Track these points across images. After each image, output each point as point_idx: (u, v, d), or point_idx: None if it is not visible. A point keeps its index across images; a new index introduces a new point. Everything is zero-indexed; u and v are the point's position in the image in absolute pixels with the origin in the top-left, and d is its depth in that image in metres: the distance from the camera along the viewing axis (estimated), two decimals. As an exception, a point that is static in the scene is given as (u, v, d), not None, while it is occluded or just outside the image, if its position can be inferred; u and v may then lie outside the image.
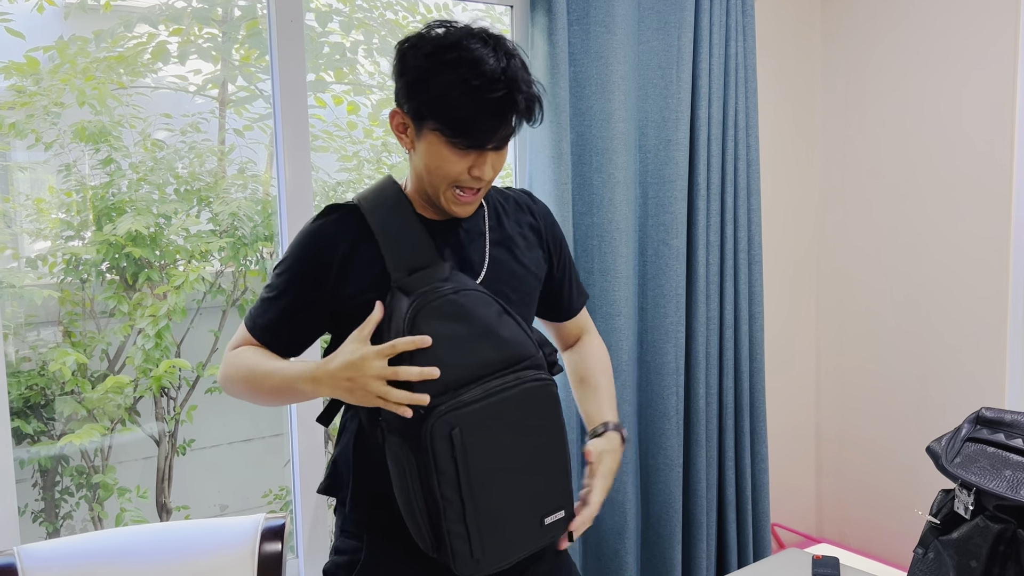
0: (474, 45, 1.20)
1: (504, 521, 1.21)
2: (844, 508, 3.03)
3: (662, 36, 2.36)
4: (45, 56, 2.30)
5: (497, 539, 1.20)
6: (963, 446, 1.54)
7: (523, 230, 1.42)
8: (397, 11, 2.86)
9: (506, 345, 1.21)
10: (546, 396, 1.24)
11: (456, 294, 1.20)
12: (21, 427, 2.26)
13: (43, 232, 2.38)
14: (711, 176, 2.45)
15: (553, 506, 1.26)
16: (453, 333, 1.18)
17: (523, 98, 1.22)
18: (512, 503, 1.21)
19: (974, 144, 2.54)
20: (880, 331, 2.84)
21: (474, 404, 1.17)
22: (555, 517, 1.26)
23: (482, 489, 1.18)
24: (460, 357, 1.18)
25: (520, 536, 1.23)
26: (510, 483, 1.21)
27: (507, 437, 1.20)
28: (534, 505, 1.24)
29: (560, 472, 1.27)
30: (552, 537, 1.28)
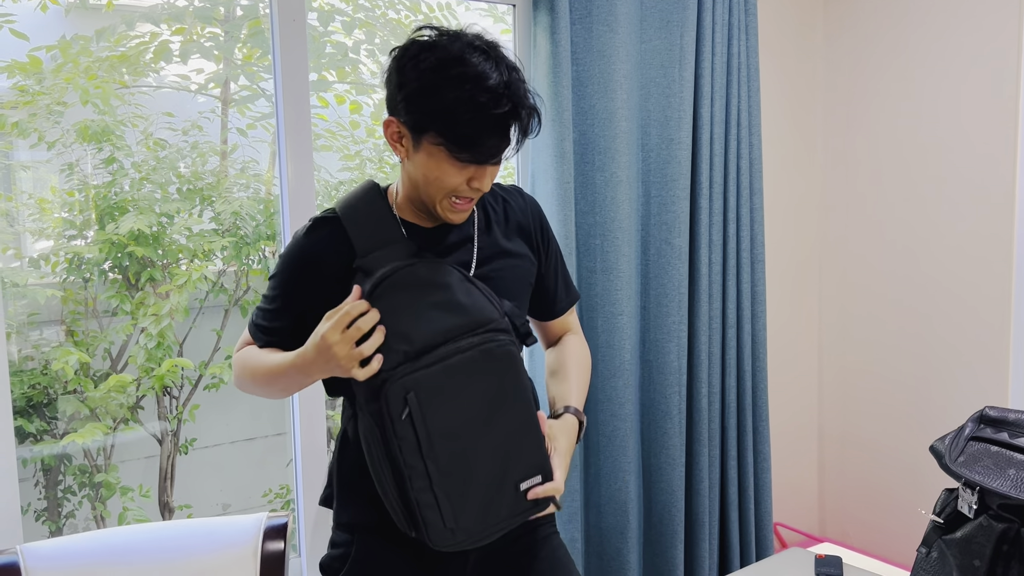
0: (476, 59, 1.20)
1: (473, 486, 1.20)
2: (847, 507, 3.03)
3: (664, 35, 2.36)
4: (48, 55, 2.30)
5: (469, 506, 1.20)
6: (967, 445, 1.54)
7: (512, 230, 1.43)
8: (399, 10, 2.86)
9: (465, 310, 1.22)
10: (504, 355, 1.23)
11: (413, 266, 1.23)
12: (24, 426, 2.26)
13: (46, 231, 2.38)
14: (713, 175, 2.44)
15: (526, 470, 1.24)
16: (411, 302, 1.21)
17: (526, 113, 1.23)
18: (480, 467, 1.20)
19: (976, 143, 2.54)
20: (883, 329, 2.84)
21: (431, 367, 1.18)
22: (531, 482, 1.24)
23: (445, 453, 1.18)
24: (418, 324, 1.20)
25: (495, 503, 1.22)
26: (476, 447, 1.20)
27: (466, 399, 1.20)
28: (505, 469, 1.22)
29: (529, 434, 1.25)
30: (535, 509, 1.26)
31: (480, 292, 1.25)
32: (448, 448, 1.19)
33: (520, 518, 1.26)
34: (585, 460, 2.36)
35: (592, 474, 2.36)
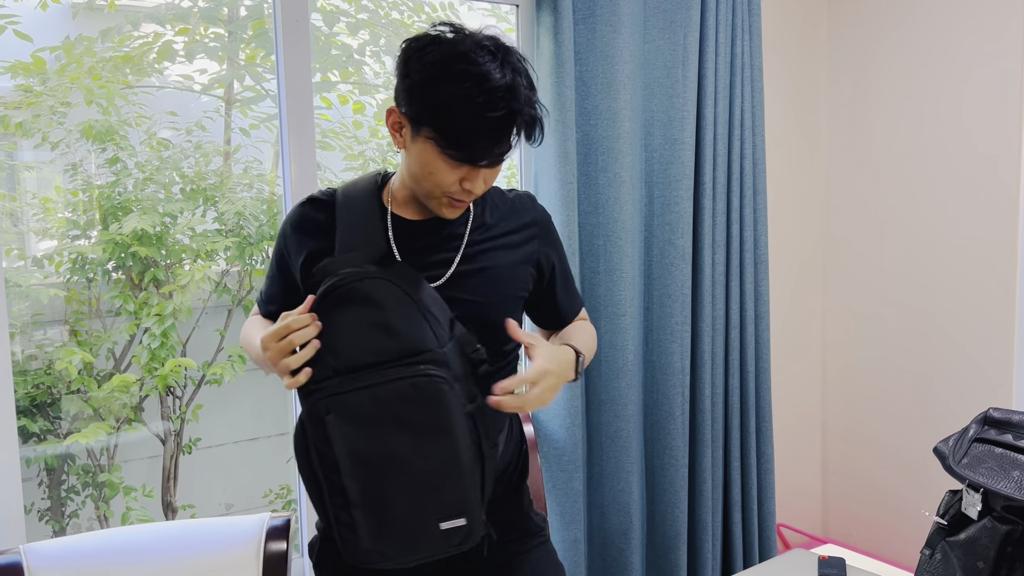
0: (482, 58, 1.19)
1: (392, 516, 1.19)
2: (850, 509, 3.02)
3: (668, 35, 2.36)
4: (52, 56, 2.30)
5: (387, 533, 1.19)
6: (971, 447, 1.54)
7: (513, 235, 1.40)
8: (402, 11, 2.86)
9: (398, 336, 1.19)
10: (434, 392, 1.18)
11: (361, 281, 1.21)
12: (27, 426, 2.26)
13: (49, 231, 2.38)
14: (717, 175, 2.44)
15: (448, 511, 1.20)
16: (348, 319, 1.20)
17: (524, 119, 1.22)
18: (400, 499, 1.19)
19: (981, 142, 2.53)
20: (887, 330, 2.83)
21: (356, 391, 1.17)
22: (453, 524, 1.20)
23: (364, 478, 1.18)
24: (353, 342, 1.19)
25: (415, 535, 1.20)
26: (397, 478, 1.19)
27: (390, 429, 1.18)
28: (427, 506, 1.19)
29: (452, 476, 1.20)
30: (460, 546, 1.22)
31: (423, 318, 1.21)
32: (365, 473, 1.18)
33: (444, 553, 1.23)
34: (588, 461, 2.35)
35: (595, 475, 2.35)
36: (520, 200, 1.46)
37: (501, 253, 1.38)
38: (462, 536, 1.21)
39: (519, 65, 1.23)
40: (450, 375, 1.19)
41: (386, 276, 1.22)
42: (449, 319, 1.26)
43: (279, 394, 2.69)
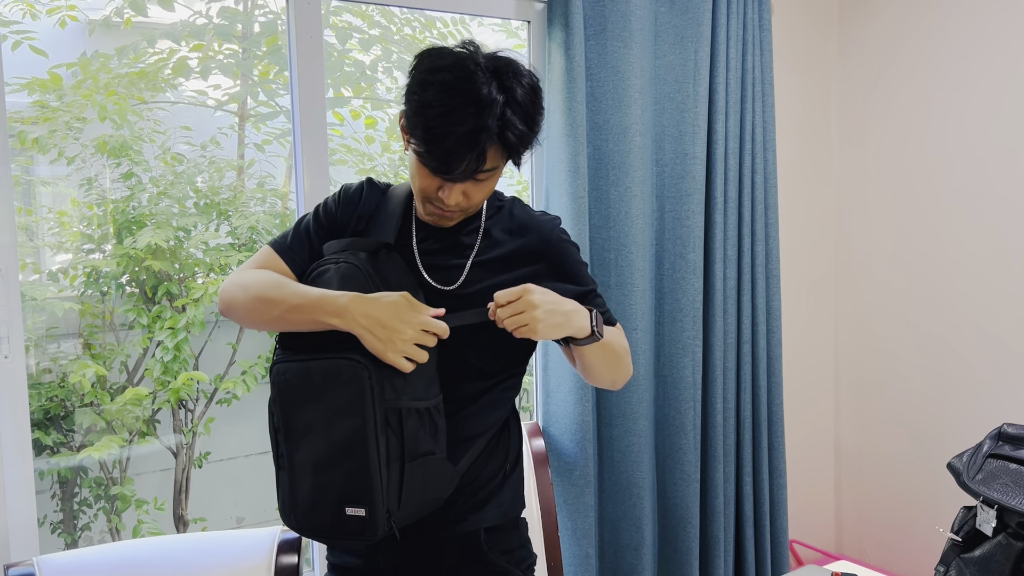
0: (472, 71, 1.19)
1: (305, 488, 1.26)
2: (863, 525, 3.00)
3: (679, 50, 2.37)
4: (68, 72, 2.33)
5: (303, 501, 1.26)
6: (985, 462, 1.53)
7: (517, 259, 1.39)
8: (414, 27, 2.88)
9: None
10: (353, 377, 1.22)
11: (335, 264, 1.30)
12: (41, 438, 2.28)
13: (64, 245, 2.41)
14: (728, 190, 2.44)
15: (352, 498, 1.23)
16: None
17: (494, 136, 1.19)
18: (312, 474, 1.25)
19: (994, 157, 2.52)
20: (899, 345, 2.82)
21: (293, 362, 1.26)
22: (354, 511, 1.23)
23: (292, 446, 1.26)
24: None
25: (316, 513, 1.26)
26: (313, 454, 1.25)
27: (315, 405, 1.25)
28: (333, 488, 1.24)
29: (360, 464, 1.22)
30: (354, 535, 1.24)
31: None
32: (292, 442, 1.26)
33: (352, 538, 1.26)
34: (599, 476, 2.35)
35: (607, 490, 2.35)
36: (537, 224, 1.42)
37: (503, 274, 1.37)
38: (358, 525, 1.24)
39: (512, 86, 1.21)
40: (373, 367, 1.22)
41: (355, 262, 1.29)
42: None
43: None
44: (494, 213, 1.41)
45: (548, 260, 1.41)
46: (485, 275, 1.37)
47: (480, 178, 1.25)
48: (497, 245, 1.39)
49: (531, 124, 1.25)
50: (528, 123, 1.24)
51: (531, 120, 1.24)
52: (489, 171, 1.24)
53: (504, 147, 1.22)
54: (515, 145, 1.23)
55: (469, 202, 1.28)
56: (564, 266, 1.43)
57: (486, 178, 1.26)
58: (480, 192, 1.28)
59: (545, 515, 2.09)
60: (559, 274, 1.41)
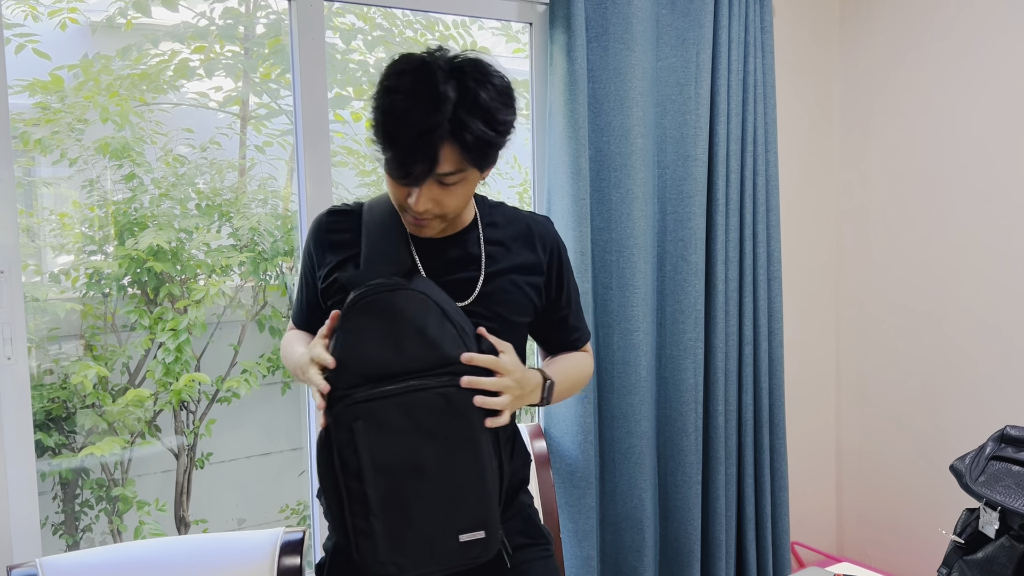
0: (430, 73, 1.17)
1: (411, 526, 1.19)
2: (865, 527, 3.00)
3: (680, 53, 2.37)
4: (70, 74, 2.33)
5: (403, 544, 1.19)
6: (987, 464, 1.53)
7: (525, 259, 1.40)
8: (416, 29, 2.88)
9: (432, 346, 1.20)
10: (464, 404, 1.20)
11: (394, 292, 1.21)
12: (43, 440, 2.28)
13: (66, 246, 2.41)
14: (730, 192, 2.44)
15: (468, 523, 1.20)
16: (379, 328, 1.20)
17: (451, 136, 1.17)
18: (419, 509, 1.19)
19: (995, 158, 2.52)
20: (901, 347, 2.82)
21: (385, 398, 1.17)
22: (472, 536, 1.21)
23: (386, 486, 1.18)
24: (381, 352, 1.19)
25: (432, 547, 1.20)
26: (421, 488, 1.19)
27: (417, 439, 1.18)
28: (448, 518, 1.20)
29: (476, 488, 1.21)
30: (475, 558, 1.22)
31: (454, 329, 1.22)
32: (387, 482, 1.18)
33: (460, 566, 1.22)
34: (601, 477, 2.35)
35: (608, 492, 2.35)
36: (536, 227, 1.44)
37: (514, 276, 1.38)
38: (479, 549, 1.21)
39: (472, 86, 1.18)
40: (468, 391, 1.20)
41: (419, 288, 1.23)
42: (475, 335, 1.27)
43: (292, 409, 2.70)
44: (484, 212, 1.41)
45: (554, 264, 1.43)
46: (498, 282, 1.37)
47: (447, 182, 1.21)
48: (507, 250, 1.39)
49: (492, 125, 1.19)
50: (490, 124, 1.19)
51: (493, 121, 1.19)
52: (451, 174, 1.20)
53: (462, 148, 1.18)
54: (473, 146, 1.18)
55: (442, 209, 1.25)
56: (564, 266, 1.46)
57: (454, 182, 1.22)
58: (452, 198, 1.24)
59: (547, 516, 2.09)
60: (561, 271, 1.44)
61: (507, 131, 1.23)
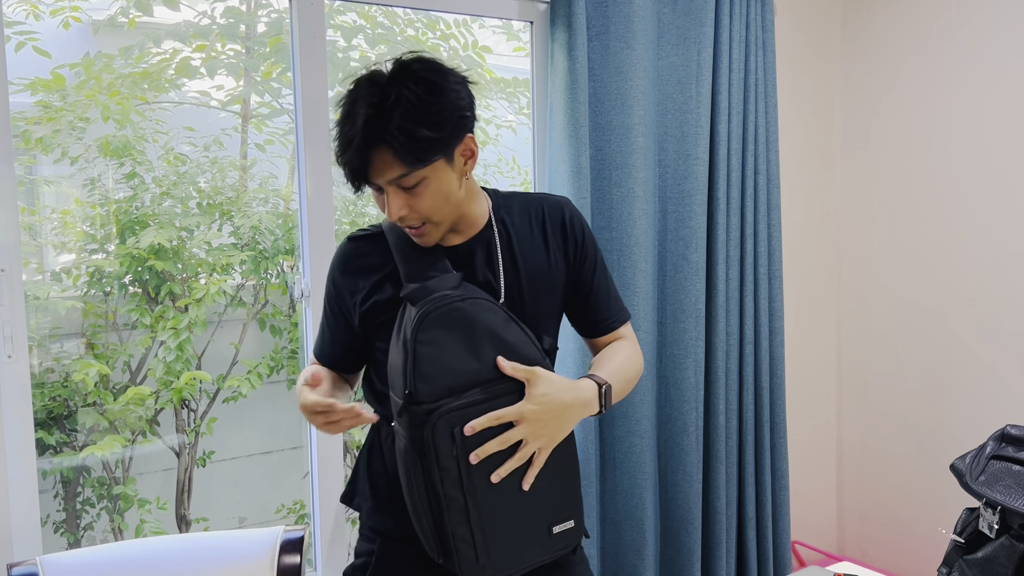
0: (363, 87, 1.21)
1: (509, 525, 1.21)
2: (866, 526, 3.00)
3: (682, 51, 2.37)
4: (71, 72, 2.33)
5: (502, 544, 1.21)
6: (988, 464, 1.53)
7: (544, 242, 1.41)
8: (417, 27, 2.88)
9: (510, 350, 1.23)
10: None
11: (463, 302, 1.23)
12: (44, 438, 2.28)
13: (68, 245, 2.41)
14: (731, 191, 2.44)
15: (561, 514, 1.25)
16: (457, 339, 1.21)
17: (379, 139, 1.18)
18: (517, 507, 1.22)
19: (997, 158, 2.52)
20: (902, 347, 2.82)
21: (477, 406, 1.19)
22: (564, 526, 1.26)
23: (485, 490, 1.19)
24: (462, 363, 1.21)
25: (527, 543, 1.23)
26: (515, 487, 1.21)
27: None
28: (541, 511, 1.24)
29: (567, 479, 1.27)
30: (562, 548, 1.27)
31: (523, 332, 1.26)
32: (490, 487, 1.20)
33: (549, 557, 1.27)
34: (601, 476, 2.35)
35: (608, 490, 2.35)
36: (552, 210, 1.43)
37: (536, 264, 1.38)
38: (569, 538, 1.26)
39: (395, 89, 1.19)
40: None
41: (485, 297, 1.26)
42: (536, 333, 1.31)
43: (294, 408, 2.69)
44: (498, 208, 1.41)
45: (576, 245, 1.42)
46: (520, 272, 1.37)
47: (405, 185, 1.22)
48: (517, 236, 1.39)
49: (418, 119, 1.18)
50: (414, 119, 1.18)
51: (417, 118, 1.18)
52: (401, 177, 1.22)
53: (393, 151, 1.19)
54: (401, 146, 1.19)
55: (418, 214, 1.26)
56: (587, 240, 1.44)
57: (412, 185, 1.23)
58: (421, 201, 1.25)
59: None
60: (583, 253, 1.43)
61: (440, 124, 1.21)
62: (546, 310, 1.39)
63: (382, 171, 1.21)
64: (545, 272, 1.39)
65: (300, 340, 2.55)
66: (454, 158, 1.26)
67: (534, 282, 1.38)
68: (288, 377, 2.63)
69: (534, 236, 1.40)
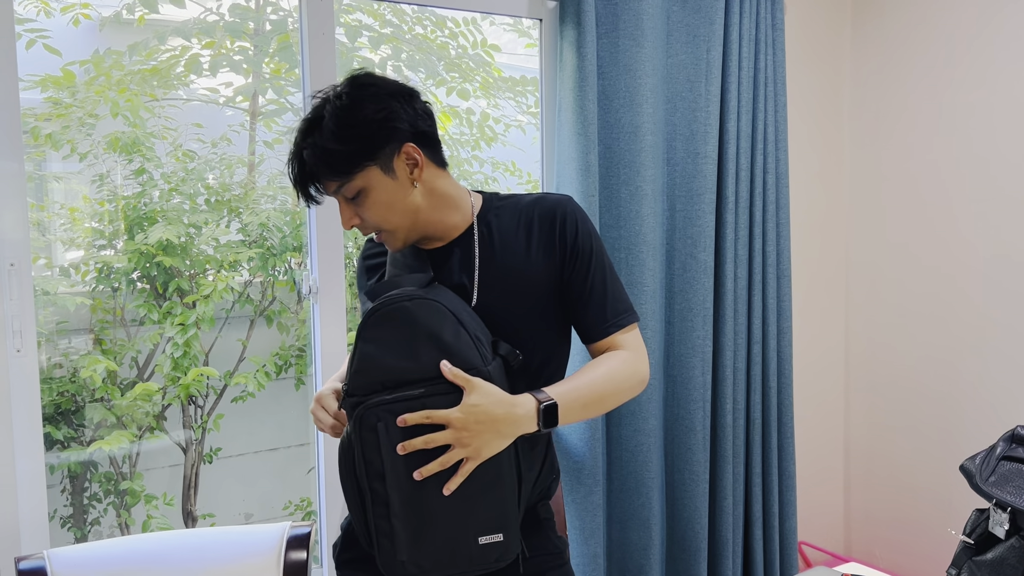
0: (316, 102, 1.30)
1: (433, 527, 1.21)
2: (873, 527, 2.99)
3: (691, 49, 2.36)
4: (81, 69, 2.34)
5: (424, 545, 1.21)
6: (998, 465, 1.52)
7: (527, 243, 1.38)
8: (425, 26, 2.88)
9: (449, 353, 1.22)
10: None
11: (410, 301, 1.25)
12: (52, 433, 2.29)
13: (76, 241, 2.42)
14: (739, 189, 2.43)
15: (488, 526, 1.22)
16: (396, 337, 1.23)
17: (300, 155, 1.29)
18: (442, 511, 1.21)
19: (1007, 156, 2.51)
20: (911, 346, 2.80)
21: (405, 402, 1.20)
22: (492, 538, 1.23)
23: (409, 488, 1.20)
24: (399, 360, 1.22)
25: (452, 550, 1.21)
26: (438, 488, 1.20)
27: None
28: (467, 520, 1.22)
29: (496, 491, 1.23)
30: (495, 563, 1.24)
31: (468, 336, 1.24)
32: (410, 484, 1.20)
33: (480, 569, 1.24)
34: (608, 475, 2.34)
35: (615, 489, 2.34)
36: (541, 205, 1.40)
37: (515, 266, 1.36)
38: (499, 552, 1.23)
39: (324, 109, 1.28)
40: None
41: (433, 297, 1.26)
42: (491, 341, 1.29)
43: (300, 405, 2.70)
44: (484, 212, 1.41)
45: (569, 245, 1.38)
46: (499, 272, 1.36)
47: (347, 195, 1.29)
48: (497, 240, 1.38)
49: (332, 133, 1.27)
50: (334, 138, 1.26)
51: (332, 131, 1.27)
52: (339, 189, 1.29)
53: (316, 164, 1.28)
54: (319, 159, 1.27)
55: (366, 223, 1.32)
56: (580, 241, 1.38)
57: (352, 195, 1.29)
58: (365, 211, 1.31)
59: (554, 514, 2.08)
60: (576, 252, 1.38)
61: (351, 138, 1.27)
62: (522, 313, 1.36)
63: (323, 184, 1.31)
64: (519, 274, 1.36)
65: (308, 337, 2.55)
66: (393, 167, 1.29)
67: (508, 284, 1.36)
68: (297, 376, 2.63)
69: (517, 238, 1.38)
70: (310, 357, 2.51)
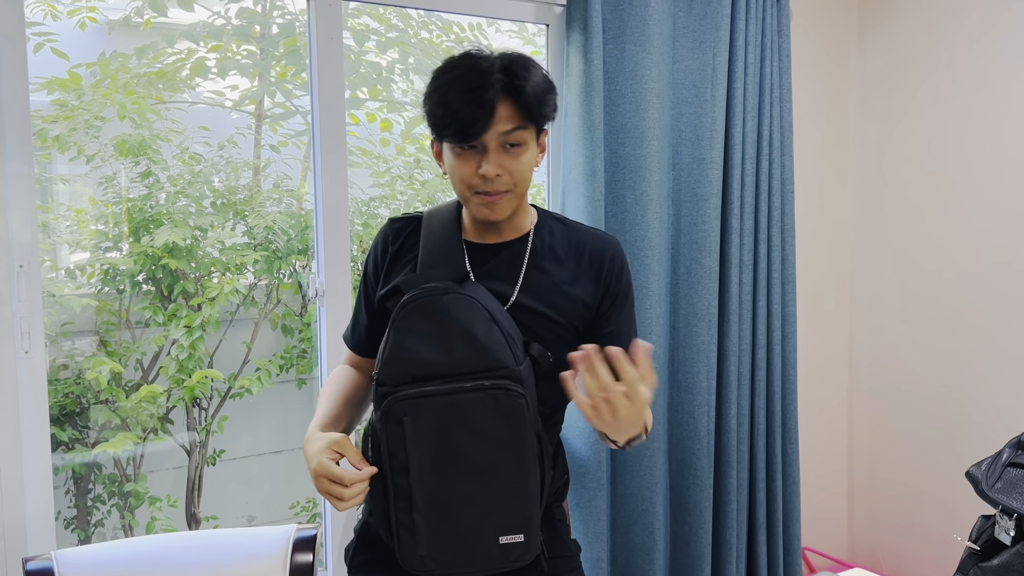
0: (477, 60, 1.27)
1: (454, 524, 1.21)
2: (877, 533, 2.98)
3: (697, 55, 2.37)
4: (87, 72, 2.35)
5: (444, 541, 1.21)
6: (1004, 471, 1.52)
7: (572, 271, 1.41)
8: (431, 30, 2.89)
9: (481, 348, 1.22)
10: (512, 406, 1.22)
11: (445, 295, 1.25)
12: (56, 434, 2.29)
13: (82, 243, 2.42)
14: (745, 195, 2.44)
15: (510, 526, 1.22)
16: (429, 329, 1.23)
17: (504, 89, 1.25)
18: (465, 508, 1.21)
19: (1014, 163, 2.51)
20: (916, 351, 2.80)
21: (434, 396, 1.20)
22: (511, 539, 1.23)
23: (433, 483, 1.20)
24: (431, 352, 1.22)
25: (472, 548, 1.22)
26: (465, 487, 1.21)
27: (464, 438, 1.21)
28: (489, 519, 1.22)
29: (520, 491, 1.23)
30: (513, 563, 1.24)
31: (501, 334, 1.25)
32: (437, 481, 1.20)
33: (498, 568, 1.25)
34: (612, 479, 2.34)
35: (619, 494, 2.34)
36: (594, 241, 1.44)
37: (556, 285, 1.38)
38: (518, 552, 1.23)
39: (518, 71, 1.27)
40: (527, 393, 1.22)
41: (469, 293, 1.26)
42: (523, 340, 1.30)
43: (305, 407, 2.70)
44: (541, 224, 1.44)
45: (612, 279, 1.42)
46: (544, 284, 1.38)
47: (512, 141, 1.27)
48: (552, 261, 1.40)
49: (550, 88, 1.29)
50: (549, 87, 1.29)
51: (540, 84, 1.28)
52: (512, 131, 1.27)
53: (516, 102, 1.26)
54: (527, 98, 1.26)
55: (511, 177, 1.29)
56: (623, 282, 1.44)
57: (517, 142, 1.28)
58: (517, 164, 1.29)
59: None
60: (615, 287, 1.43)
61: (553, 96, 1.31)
62: (551, 326, 1.38)
63: (499, 123, 1.26)
64: (561, 292, 1.39)
65: (313, 339, 2.56)
66: (540, 141, 1.34)
67: (547, 297, 1.38)
68: (297, 376, 2.64)
69: (568, 260, 1.41)
70: (315, 360, 2.51)
